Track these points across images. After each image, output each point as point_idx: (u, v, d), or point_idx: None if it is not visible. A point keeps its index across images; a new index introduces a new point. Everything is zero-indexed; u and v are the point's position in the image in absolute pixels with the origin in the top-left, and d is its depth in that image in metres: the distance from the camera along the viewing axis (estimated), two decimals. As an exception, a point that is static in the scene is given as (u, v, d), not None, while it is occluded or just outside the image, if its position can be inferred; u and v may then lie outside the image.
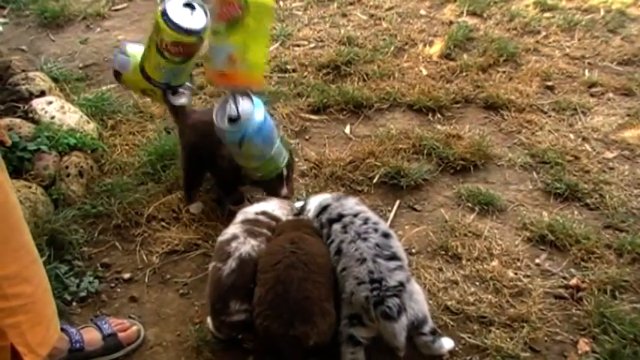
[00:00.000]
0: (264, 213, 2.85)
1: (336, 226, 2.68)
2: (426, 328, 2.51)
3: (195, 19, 2.79)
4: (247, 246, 2.59)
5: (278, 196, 3.11)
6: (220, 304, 2.53)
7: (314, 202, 2.92)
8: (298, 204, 3.07)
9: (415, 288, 2.52)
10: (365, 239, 2.55)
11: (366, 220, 2.67)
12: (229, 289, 2.51)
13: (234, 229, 2.71)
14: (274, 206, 2.93)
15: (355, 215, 2.70)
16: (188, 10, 2.79)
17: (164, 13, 2.75)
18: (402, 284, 2.41)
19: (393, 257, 2.51)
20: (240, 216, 2.84)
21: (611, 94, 4.45)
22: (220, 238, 2.70)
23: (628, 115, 4.21)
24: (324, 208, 2.83)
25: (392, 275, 2.42)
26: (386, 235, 2.60)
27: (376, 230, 2.60)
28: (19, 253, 2.01)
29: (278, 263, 2.50)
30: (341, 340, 2.52)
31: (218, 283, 2.54)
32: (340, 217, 2.71)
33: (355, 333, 2.49)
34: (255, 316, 2.45)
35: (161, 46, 2.79)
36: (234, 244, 2.59)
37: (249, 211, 2.87)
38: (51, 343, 2.15)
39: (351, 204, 2.81)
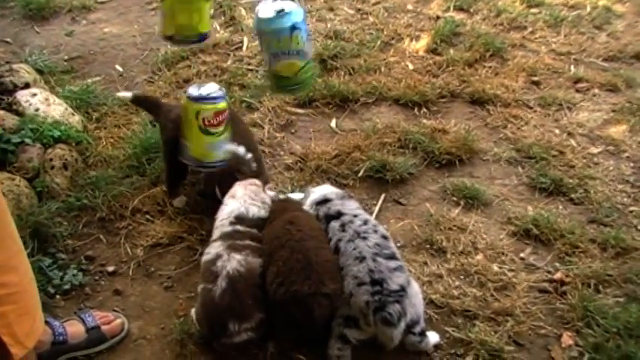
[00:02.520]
0: (239, 220, 2.78)
1: (334, 224, 2.68)
2: (417, 329, 2.50)
3: (214, 89, 2.80)
4: (233, 262, 2.54)
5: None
6: (219, 327, 2.50)
7: (318, 191, 2.94)
8: (296, 195, 3.09)
9: (414, 290, 2.51)
10: (364, 238, 2.55)
11: (365, 222, 2.67)
12: (225, 311, 2.47)
13: (215, 248, 2.64)
14: (246, 202, 2.86)
15: (355, 216, 2.70)
16: (204, 86, 2.81)
17: (194, 97, 2.74)
18: (403, 289, 2.41)
19: (393, 257, 2.51)
20: (216, 231, 2.77)
21: (596, 90, 4.47)
22: (204, 259, 2.65)
23: (613, 111, 4.23)
24: (324, 201, 2.83)
25: (393, 277, 2.42)
26: (385, 238, 2.60)
27: (376, 232, 2.61)
28: (6, 242, 2.00)
29: (288, 241, 2.53)
30: (331, 335, 2.52)
31: (212, 305, 2.50)
32: (339, 214, 2.71)
33: (348, 334, 2.49)
34: (275, 289, 2.45)
35: (204, 126, 2.77)
36: (219, 264, 2.54)
37: (224, 220, 2.80)
38: (37, 334, 2.14)
39: (353, 206, 2.82)
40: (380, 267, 2.43)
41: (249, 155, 3.05)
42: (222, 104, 2.79)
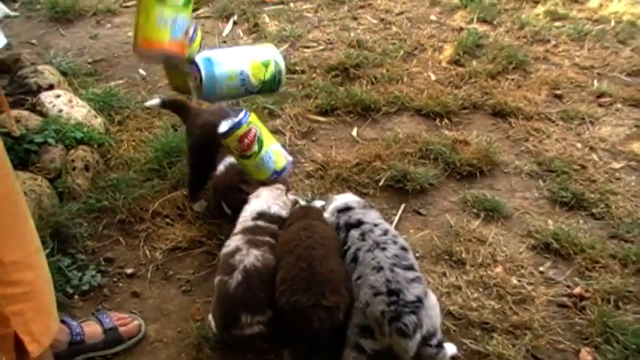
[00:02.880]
0: (261, 215, 2.83)
1: (354, 233, 2.67)
2: (434, 341, 2.46)
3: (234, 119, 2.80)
4: (251, 257, 2.57)
5: None
6: (231, 319, 2.51)
7: (340, 199, 2.94)
8: (318, 202, 3.09)
9: (431, 302, 2.48)
10: (383, 249, 2.53)
11: (385, 232, 2.65)
12: (239, 302, 2.49)
13: (235, 241, 2.69)
14: (269, 202, 2.90)
15: (375, 225, 2.69)
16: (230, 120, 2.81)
17: (221, 134, 2.75)
18: (420, 300, 2.39)
19: (411, 268, 2.49)
20: (239, 225, 2.82)
21: (619, 105, 4.43)
22: (223, 251, 2.69)
23: (636, 126, 4.19)
24: (346, 209, 2.83)
25: (410, 288, 2.39)
26: (404, 249, 2.59)
27: (395, 242, 2.59)
28: (25, 240, 2.01)
29: (296, 247, 2.54)
30: (346, 344, 2.51)
31: (226, 296, 2.53)
32: (359, 223, 2.70)
33: (364, 343, 2.47)
34: (279, 297, 2.46)
35: (239, 153, 2.76)
36: (237, 257, 2.58)
37: (247, 216, 2.85)
38: (53, 333, 2.15)
39: (374, 215, 2.81)
40: (397, 277, 2.41)
41: None
42: (241, 129, 2.78)
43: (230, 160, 3.06)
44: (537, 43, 5.19)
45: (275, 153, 2.57)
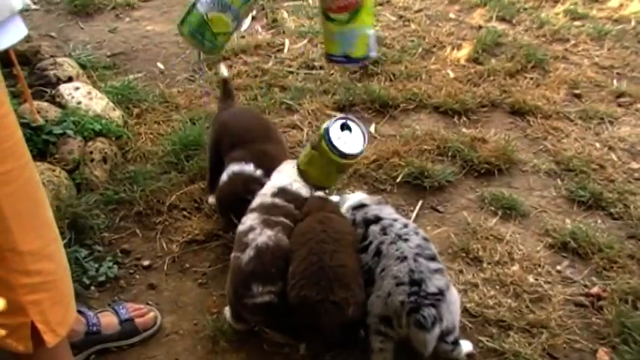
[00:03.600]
0: (282, 192, 2.82)
1: (375, 228, 2.65)
2: (450, 338, 2.45)
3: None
4: (264, 237, 2.57)
5: None
6: (243, 288, 2.51)
7: (353, 198, 2.94)
8: (334, 198, 3.07)
9: (453, 297, 2.47)
10: (406, 240, 2.52)
11: (405, 225, 2.65)
12: (250, 275, 2.50)
13: (251, 219, 2.69)
14: (290, 178, 2.87)
15: (395, 220, 2.69)
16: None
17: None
18: (441, 292, 2.37)
19: (434, 258, 2.49)
20: (257, 199, 2.81)
21: (639, 105, 4.40)
22: (239, 228, 2.70)
23: (655, 127, 4.17)
24: (361, 206, 2.82)
25: (432, 279, 2.38)
26: (426, 240, 2.58)
27: (417, 234, 2.59)
28: (43, 230, 2.01)
29: (309, 240, 2.52)
30: (370, 331, 2.50)
31: (238, 270, 2.55)
32: (378, 219, 2.69)
33: (386, 331, 2.46)
34: (289, 291, 2.46)
35: (326, 10, 2.59)
36: (251, 236, 2.59)
37: (267, 192, 2.83)
38: (70, 323, 2.15)
39: (390, 210, 2.81)
40: (420, 267, 2.40)
41: (259, 172, 3.01)
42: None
43: (233, 168, 3.02)
44: (556, 42, 5.17)
45: (361, 38, 2.43)
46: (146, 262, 3.07)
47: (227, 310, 2.69)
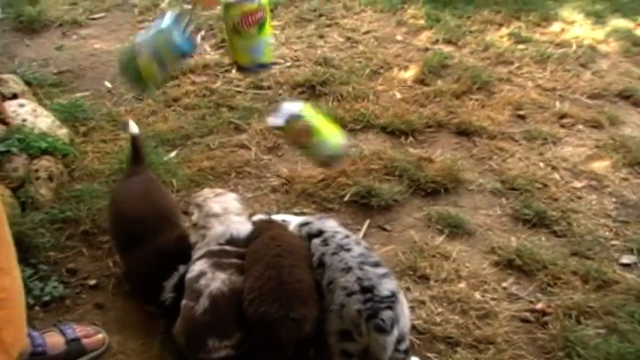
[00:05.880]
0: (230, 242, 2.72)
1: (316, 240, 2.68)
2: (402, 346, 2.46)
3: None
4: (217, 282, 2.51)
5: None
6: (197, 342, 2.46)
7: (296, 220, 2.94)
8: (277, 217, 3.07)
9: (403, 299, 2.49)
10: (348, 250, 2.54)
11: (347, 236, 2.68)
12: (206, 328, 2.45)
13: (199, 265, 2.60)
14: (236, 225, 2.78)
15: (336, 232, 2.71)
16: None
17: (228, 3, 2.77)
18: (394, 294, 2.39)
19: (379, 264, 2.51)
20: (201, 250, 2.70)
21: (580, 126, 4.51)
22: (188, 276, 2.60)
23: (596, 147, 4.27)
24: (304, 224, 2.84)
25: (382, 283, 2.40)
26: (368, 249, 2.62)
27: (358, 244, 2.62)
28: (2, 246, 1.98)
29: (264, 255, 2.52)
30: (332, 353, 2.49)
31: (192, 321, 2.47)
32: (320, 232, 2.71)
33: (348, 348, 2.45)
34: (246, 307, 2.43)
35: (236, 27, 2.76)
36: (202, 282, 2.52)
37: (210, 242, 2.72)
38: (22, 344, 2.11)
39: (333, 224, 2.82)
40: (368, 274, 2.42)
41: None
42: (250, 6, 2.79)
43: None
44: (501, 65, 5.27)
45: (268, 45, 2.70)
46: (92, 282, 3.03)
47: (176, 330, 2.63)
